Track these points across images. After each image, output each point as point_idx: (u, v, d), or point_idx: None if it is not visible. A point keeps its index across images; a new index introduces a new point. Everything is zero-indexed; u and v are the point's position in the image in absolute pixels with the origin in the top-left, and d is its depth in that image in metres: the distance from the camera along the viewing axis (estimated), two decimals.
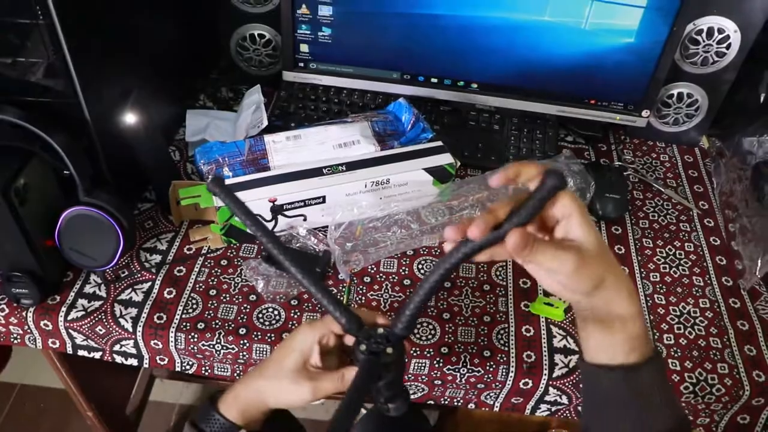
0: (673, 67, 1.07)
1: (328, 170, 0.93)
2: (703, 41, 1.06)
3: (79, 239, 0.84)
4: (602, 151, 1.18)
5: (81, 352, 0.91)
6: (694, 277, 0.98)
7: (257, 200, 0.89)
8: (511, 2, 1.01)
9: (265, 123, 1.03)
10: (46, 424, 1.75)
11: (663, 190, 1.11)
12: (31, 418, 1.77)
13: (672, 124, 1.18)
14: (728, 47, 1.06)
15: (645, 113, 1.09)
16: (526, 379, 0.85)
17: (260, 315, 0.87)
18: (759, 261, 0.95)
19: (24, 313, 0.87)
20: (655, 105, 1.14)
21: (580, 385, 0.86)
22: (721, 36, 1.04)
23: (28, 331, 0.89)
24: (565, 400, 0.88)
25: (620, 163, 1.15)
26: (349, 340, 0.69)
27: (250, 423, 0.70)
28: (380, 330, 0.65)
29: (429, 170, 0.95)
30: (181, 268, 0.92)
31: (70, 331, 0.87)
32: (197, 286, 0.90)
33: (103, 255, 0.85)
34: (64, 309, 0.87)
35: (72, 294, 0.88)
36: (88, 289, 0.89)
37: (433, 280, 0.60)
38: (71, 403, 1.23)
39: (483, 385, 0.87)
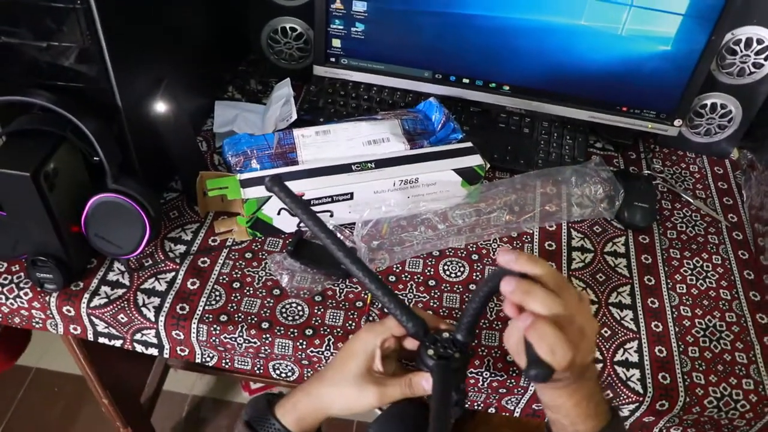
0: (708, 77, 1.05)
1: (357, 167, 0.93)
2: (741, 51, 1.04)
3: (105, 226, 0.84)
4: (631, 159, 1.17)
5: (102, 340, 0.91)
6: (721, 291, 0.97)
7: None
8: (547, 4, 0.99)
9: (294, 117, 1.03)
10: (59, 407, 1.77)
11: (692, 201, 1.10)
12: (45, 401, 1.78)
13: (704, 135, 1.16)
14: (766, 58, 1.04)
15: (677, 123, 1.08)
16: None
17: (283, 310, 0.87)
18: None
19: (47, 298, 0.87)
20: (688, 115, 1.13)
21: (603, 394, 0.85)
22: (759, 47, 1.03)
23: (50, 316, 0.89)
24: None
25: (649, 172, 1.14)
26: (410, 343, 0.69)
27: (305, 431, 0.69)
28: (445, 334, 0.65)
29: (458, 171, 0.94)
30: (206, 259, 0.92)
31: (92, 318, 0.87)
32: (221, 278, 0.90)
33: (128, 243, 0.85)
34: (87, 295, 0.86)
35: (95, 281, 0.88)
36: (111, 276, 0.89)
37: (486, 289, 0.61)
38: (84, 389, 1.23)
39: (505, 390, 0.86)
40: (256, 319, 0.86)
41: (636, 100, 1.07)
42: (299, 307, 0.87)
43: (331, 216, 0.93)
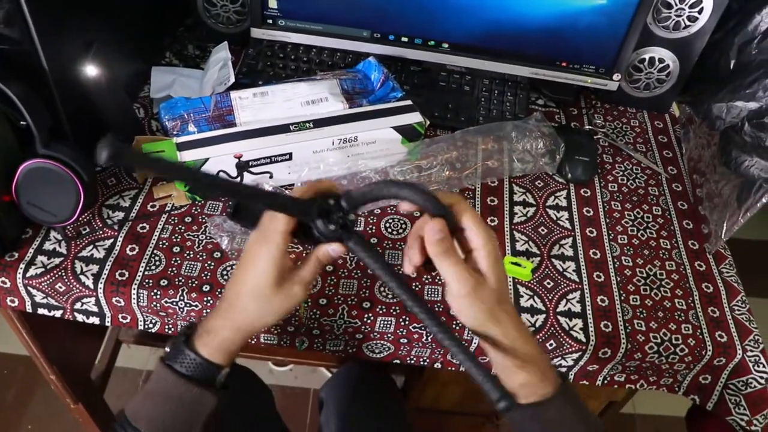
0: (645, 31, 1.06)
1: (295, 127, 0.92)
2: (676, 5, 1.05)
3: (37, 194, 0.81)
4: (573, 115, 1.18)
5: (41, 311, 0.89)
6: (661, 240, 0.99)
7: (222, 156, 0.88)
8: None
9: (232, 80, 1.01)
10: (11, 390, 1.73)
11: (632, 154, 1.11)
12: None
13: (643, 89, 1.18)
14: (700, 12, 1.05)
15: (616, 77, 1.09)
16: None
17: (225, 272, 0.86)
18: (724, 225, 0.95)
19: None
20: (627, 69, 1.14)
21: (547, 344, 0.86)
22: (693, 0, 1.04)
23: None
24: None
25: (590, 127, 1.15)
26: None
27: (230, 361, 0.68)
28: (331, 201, 0.63)
29: (398, 129, 0.94)
30: (145, 225, 0.90)
31: (29, 288, 0.85)
32: (161, 243, 0.88)
33: (62, 210, 0.83)
34: (22, 266, 0.84)
35: (31, 251, 0.86)
36: (47, 245, 0.87)
37: (387, 192, 0.61)
38: (37, 371, 1.20)
39: None
40: (197, 282, 0.85)
41: (575, 55, 1.08)
42: None
43: (271, 177, 0.92)
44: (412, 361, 0.91)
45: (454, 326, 0.84)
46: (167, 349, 0.68)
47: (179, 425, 0.65)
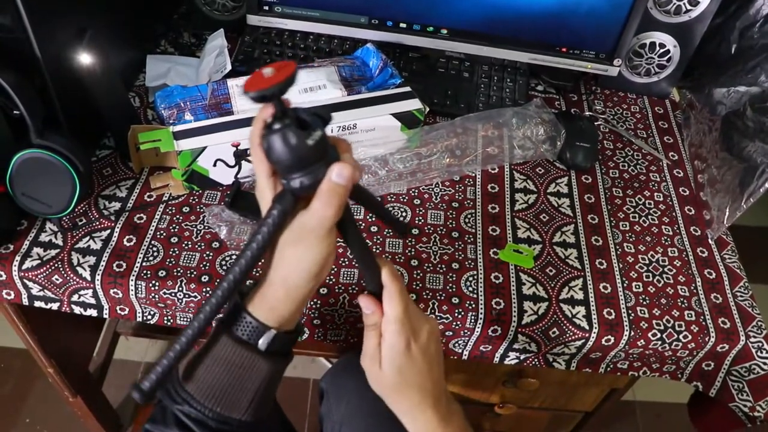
0: (645, 15, 1.05)
1: None
2: None
3: (32, 184, 0.80)
4: (573, 101, 1.17)
5: (38, 303, 0.88)
6: (663, 227, 0.98)
7: (220, 144, 0.86)
8: None
9: (229, 68, 1.00)
10: (8, 384, 1.72)
11: (633, 140, 1.10)
12: None
13: (643, 75, 1.17)
14: None
15: (617, 62, 1.08)
16: (495, 326, 0.85)
17: (223, 262, 0.85)
18: (726, 211, 0.94)
19: None
20: (627, 54, 1.13)
21: (549, 332, 0.85)
22: None
23: None
24: (534, 347, 0.87)
25: (591, 113, 1.14)
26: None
27: (279, 322, 0.62)
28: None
29: (397, 116, 0.93)
30: (142, 215, 0.89)
31: (25, 281, 0.84)
32: (158, 233, 0.87)
33: (58, 201, 0.82)
34: (18, 258, 0.83)
35: (26, 243, 0.85)
36: (43, 237, 0.86)
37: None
38: (34, 365, 1.19)
39: (451, 333, 0.86)
40: (195, 272, 0.84)
41: (575, 41, 1.07)
42: None
43: None
44: None
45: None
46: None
47: (230, 390, 0.61)
